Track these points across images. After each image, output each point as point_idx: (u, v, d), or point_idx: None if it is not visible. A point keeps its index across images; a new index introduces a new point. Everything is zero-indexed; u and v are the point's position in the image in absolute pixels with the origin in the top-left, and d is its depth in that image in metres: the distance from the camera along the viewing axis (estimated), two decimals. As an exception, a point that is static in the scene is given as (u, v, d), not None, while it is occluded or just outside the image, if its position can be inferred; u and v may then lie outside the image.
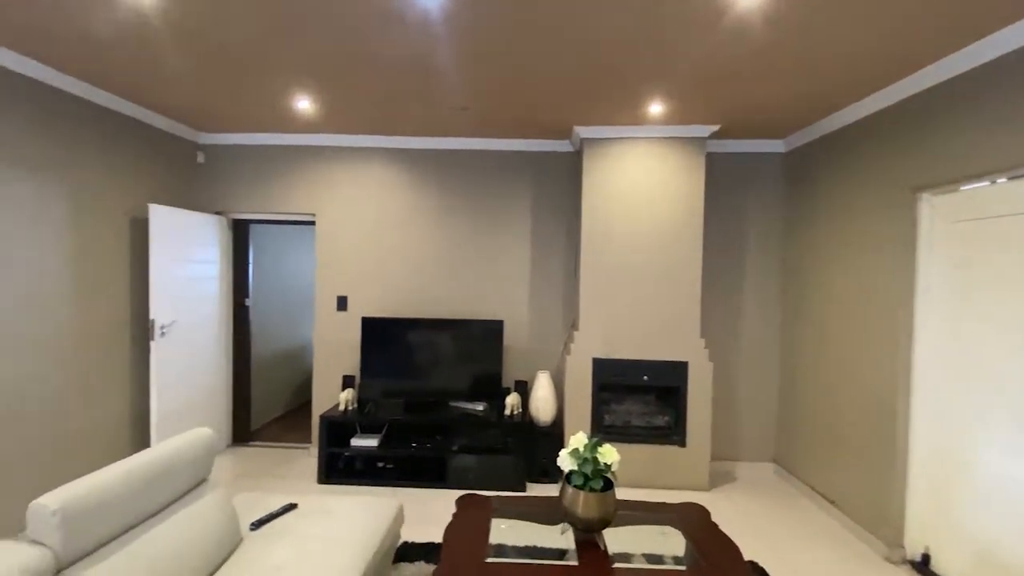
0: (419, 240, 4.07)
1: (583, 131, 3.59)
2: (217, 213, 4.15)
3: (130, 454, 3.43)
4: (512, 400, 3.70)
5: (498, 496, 2.42)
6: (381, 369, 3.83)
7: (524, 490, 3.52)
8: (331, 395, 4.09)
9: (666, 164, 3.58)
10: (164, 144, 3.72)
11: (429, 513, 3.17)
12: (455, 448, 3.59)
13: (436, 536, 2.80)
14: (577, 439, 2.06)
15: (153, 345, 3.45)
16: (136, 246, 3.46)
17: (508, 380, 4.04)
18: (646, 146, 3.59)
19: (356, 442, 3.62)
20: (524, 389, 3.86)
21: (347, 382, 3.94)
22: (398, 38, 2.34)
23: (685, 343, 3.57)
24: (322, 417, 3.61)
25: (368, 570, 1.92)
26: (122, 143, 3.34)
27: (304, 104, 3.28)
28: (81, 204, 3.04)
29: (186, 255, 3.73)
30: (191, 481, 1.94)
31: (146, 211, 3.53)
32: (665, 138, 3.57)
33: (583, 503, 1.93)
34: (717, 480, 3.75)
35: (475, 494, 2.43)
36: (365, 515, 2.21)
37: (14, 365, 2.65)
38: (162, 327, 3.50)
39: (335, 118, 3.56)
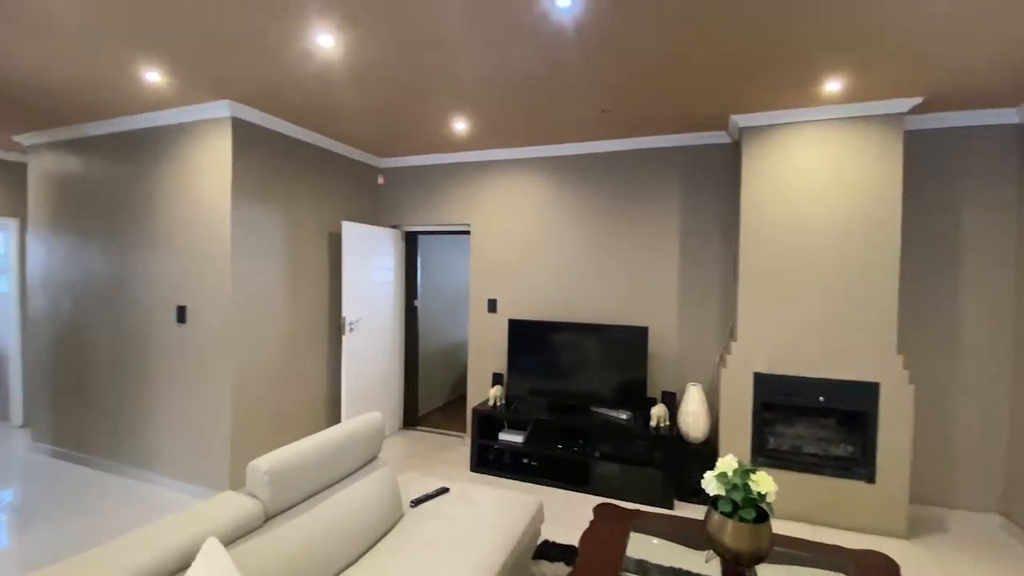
0: (564, 245, 4.13)
1: (742, 119, 3.26)
2: (393, 226, 4.77)
3: (325, 423, 4.15)
4: (658, 412, 3.52)
5: (637, 509, 2.34)
6: (526, 369, 3.99)
7: (671, 507, 3.32)
8: (482, 390, 4.39)
9: (848, 149, 3.05)
10: (352, 170, 4.42)
11: (571, 515, 3.20)
12: (598, 454, 3.56)
13: (576, 539, 2.82)
14: (726, 462, 1.88)
15: (344, 339, 4.11)
16: (332, 256, 4.17)
17: (654, 389, 3.86)
18: (821, 130, 3.11)
19: (504, 437, 3.83)
20: (672, 401, 3.65)
21: (496, 379, 4.19)
22: (537, 50, 2.42)
23: (876, 360, 3.00)
24: (474, 410, 3.90)
25: (509, 559, 2.02)
26: (321, 171, 4.05)
27: (460, 125, 3.59)
28: (293, 224, 3.77)
29: (369, 263, 4.37)
30: (364, 458, 2.27)
31: (339, 227, 4.23)
32: (847, 119, 3.05)
33: (731, 532, 1.76)
34: (919, 528, 3.07)
35: (613, 504, 2.38)
36: (508, 507, 2.32)
37: (250, 356, 3.42)
38: (351, 324, 4.15)
39: (485, 134, 3.82)
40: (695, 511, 3.27)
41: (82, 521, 3.04)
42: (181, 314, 3.40)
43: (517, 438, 3.79)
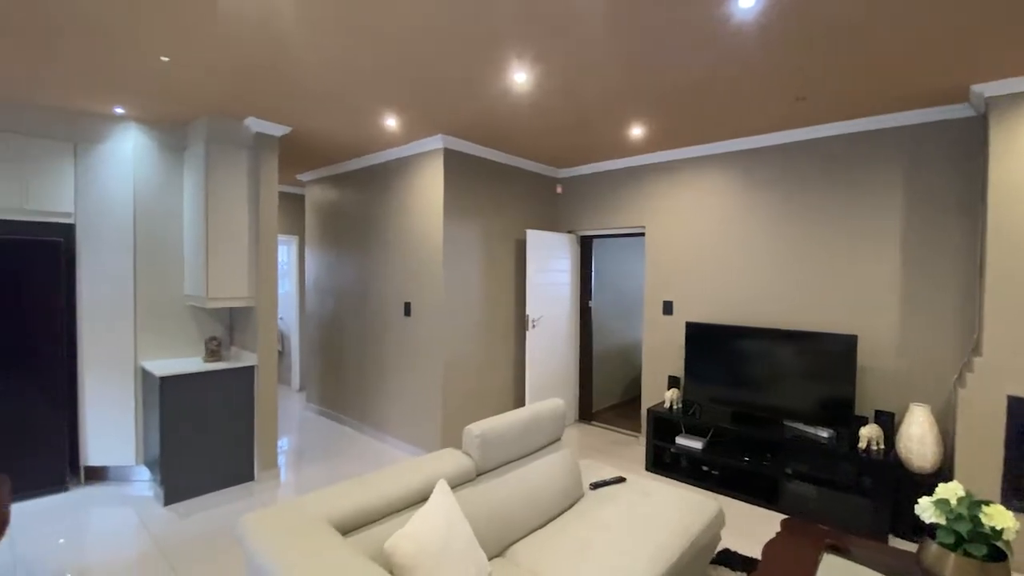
0: (749, 244, 3.90)
1: (988, 88, 2.69)
2: (569, 232, 5.09)
3: (511, 408, 4.65)
4: (870, 432, 3.11)
5: (833, 530, 2.16)
6: (706, 374, 3.88)
7: (883, 542, 2.90)
8: (657, 391, 4.40)
9: None
10: (534, 182, 4.86)
11: (754, 529, 3.04)
12: (790, 471, 3.29)
13: (759, 553, 2.69)
14: (949, 488, 1.66)
15: (528, 334, 4.56)
16: (517, 261, 4.66)
17: (864, 407, 3.39)
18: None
19: (681, 441, 3.80)
20: (888, 422, 3.17)
21: (672, 382, 4.16)
22: (719, 50, 2.42)
23: None
24: (649, 411, 3.95)
25: (686, 554, 2.09)
26: (509, 186, 4.56)
27: (637, 131, 3.70)
28: (487, 234, 4.34)
29: (548, 266, 4.75)
30: (549, 438, 2.56)
31: (523, 234, 4.71)
32: None
33: (954, 568, 1.56)
34: None
35: (804, 521, 2.23)
36: (686, 505, 2.37)
37: (455, 344, 4.06)
38: (533, 321, 4.58)
39: (662, 136, 3.85)
40: (912, 549, 2.80)
41: (337, 463, 4.01)
42: (407, 309, 4.23)
43: (696, 444, 3.72)
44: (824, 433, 3.35)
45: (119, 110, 3.37)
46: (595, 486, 2.58)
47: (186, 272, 3.78)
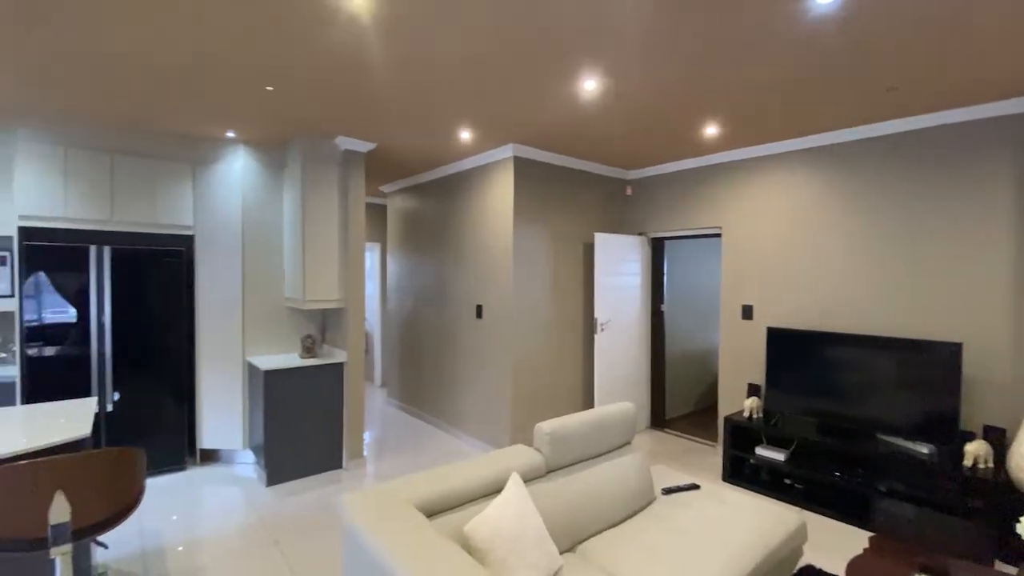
0: (837, 245, 3.67)
1: None
2: (639, 234, 5.04)
3: (580, 410, 4.68)
4: (976, 449, 2.82)
5: (926, 550, 2.01)
6: (789, 383, 3.69)
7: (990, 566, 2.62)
8: (735, 400, 4.24)
9: None
10: (603, 185, 4.87)
11: (841, 547, 2.87)
12: (883, 489, 3.07)
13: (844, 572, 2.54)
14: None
15: (596, 337, 4.57)
16: (585, 264, 4.69)
17: (970, 422, 3.08)
18: None
19: (761, 451, 3.64)
20: (999, 437, 2.87)
21: (752, 390, 4.00)
22: (800, 45, 2.34)
23: None
24: (726, 419, 3.82)
25: (763, 565, 2.04)
26: (576, 190, 4.61)
27: (711, 131, 3.62)
28: (555, 238, 4.42)
29: (617, 269, 4.74)
30: (618, 441, 2.59)
31: (591, 237, 4.73)
32: None
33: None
34: None
35: (895, 539, 2.10)
36: (764, 516, 2.31)
37: (524, 345, 4.17)
38: (602, 324, 4.59)
39: (738, 134, 3.73)
40: (1039, 586, 2.51)
41: (415, 456, 4.25)
42: (479, 311, 4.41)
43: (778, 455, 3.56)
44: (924, 449, 3.09)
45: (230, 134, 3.82)
46: (667, 491, 2.57)
47: (286, 277, 4.20)
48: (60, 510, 1.74)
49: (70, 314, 3.48)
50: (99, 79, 2.74)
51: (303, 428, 3.79)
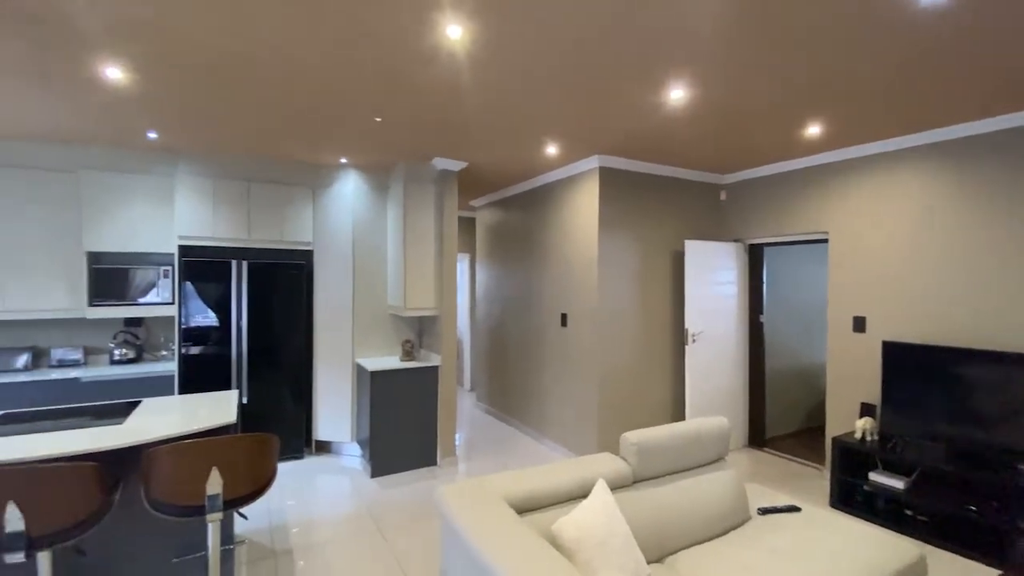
0: (968, 249, 3.25)
1: None
2: (735, 241, 4.82)
3: (668, 421, 4.56)
4: None
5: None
6: (909, 403, 3.32)
7: None
8: (845, 420, 3.88)
9: None
10: (693, 191, 4.73)
11: (980, 594, 2.53)
12: (1022, 525, 2.66)
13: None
14: None
15: (687, 349, 4.43)
16: (674, 273, 4.58)
17: None
18: None
19: (876, 478, 3.31)
20: None
21: (865, 410, 3.65)
22: (914, 27, 2.16)
23: None
24: (835, 440, 3.53)
25: (871, 599, 1.89)
26: (665, 197, 4.52)
27: (814, 130, 3.40)
28: (642, 246, 4.37)
29: (710, 278, 4.57)
30: (711, 456, 2.52)
31: (682, 245, 4.61)
32: None
33: None
34: None
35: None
36: (874, 545, 2.12)
37: (610, 355, 4.17)
38: (693, 335, 4.45)
39: (844, 132, 3.46)
40: None
41: (502, 458, 4.40)
42: (564, 320, 4.48)
43: (896, 483, 3.21)
44: (1091, 488, 2.63)
45: (344, 160, 4.28)
46: (764, 511, 2.45)
47: (388, 287, 4.59)
48: (215, 483, 2.09)
49: (215, 319, 4.09)
50: (240, 119, 3.24)
51: (403, 425, 4.10)
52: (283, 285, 4.32)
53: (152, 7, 1.93)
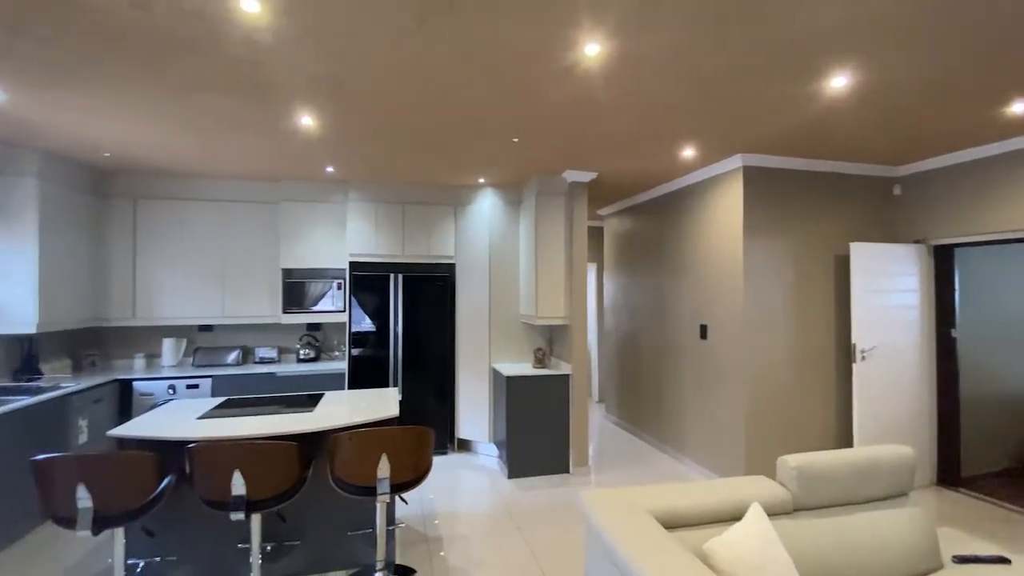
0: None
1: None
2: (915, 242, 4.13)
3: (831, 448, 4.04)
4: None
5: None
6: None
7: None
8: (1085, 464, 3.08)
9: None
10: (860, 186, 4.16)
11: None
12: None
13: None
14: None
15: (855, 367, 3.90)
16: (837, 280, 4.07)
17: None
18: None
19: None
20: None
21: (1116, 452, 2.85)
22: None
23: None
24: (1067, 487, 2.82)
25: None
26: (824, 195, 4.05)
27: (1019, 107, 2.80)
28: (796, 251, 3.97)
29: (884, 285, 3.97)
30: (889, 490, 2.19)
31: (846, 249, 4.08)
32: None
33: None
34: None
35: None
36: None
37: (759, 372, 3.84)
38: (862, 351, 3.90)
39: (1079, 104, 2.79)
40: None
41: (635, 472, 4.28)
42: (703, 332, 4.24)
43: None
44: None
45: (481, 180, 4.60)
46: (961, 559, 2.06)
47: (521, 296, 4.80)
48: (384, 468, 2.39)
49: (376, 325, 4.66)
50: (397, 151, 3.67)
51: (537, 431, 4.23)
52: (430, 295, 4.77)
53: (337, 66, 2.32)
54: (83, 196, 4.12)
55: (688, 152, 3.72)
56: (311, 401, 3.20)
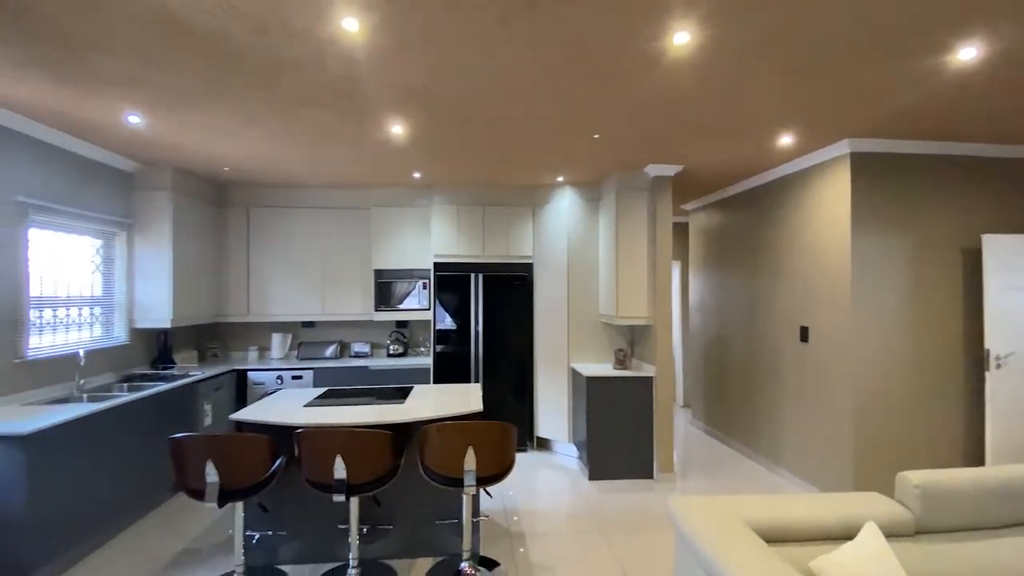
0: None
1: None
2: (1069, 231, 3.53)
3: (958, 466, 3.56)
4: None
5: None
6: None
7: None
8: None
9: None
10: (994, 170, 3.62)
11: None
12: None
13: None
14: None
15: (988, 375, 3.41)
16: (966, 277, 3.58)
17: None
18: None
19: None
20: None
21: None
22: None
23: None
24: None
25: None
26: (950, 182, 3.57)
27: None
28: (915, 245, 3.54)
29: (1025, 282, 3.43)
30: (1038, 517, 1.90)
31: (977, 241, 3.58)
32: None
33: None
34: None
35: None
36: None
37: (870, 380, 3.48)
38: (997, 358, 3.40)
39: None
40: None
41: (726, 482, 4.05)
42: (804, 334, 3.92)
43: None
44: None
45: (560, 178, 4.59)
46: None
47: (600, 295, 4.72)
48: (470, 461, 2.47)
49: (457, 323, 4.82)
50: (479, 155, 3.77)
51: (618, 433, 4.15)
52: (509, 294, 4.84)
53: (424, 75, 2.43)
54: (206, 206, 4.65)
55: (786, 139, 3.45)
56: (401, 394, 3.38)
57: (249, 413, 2.87)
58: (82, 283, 3.63)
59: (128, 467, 3.22)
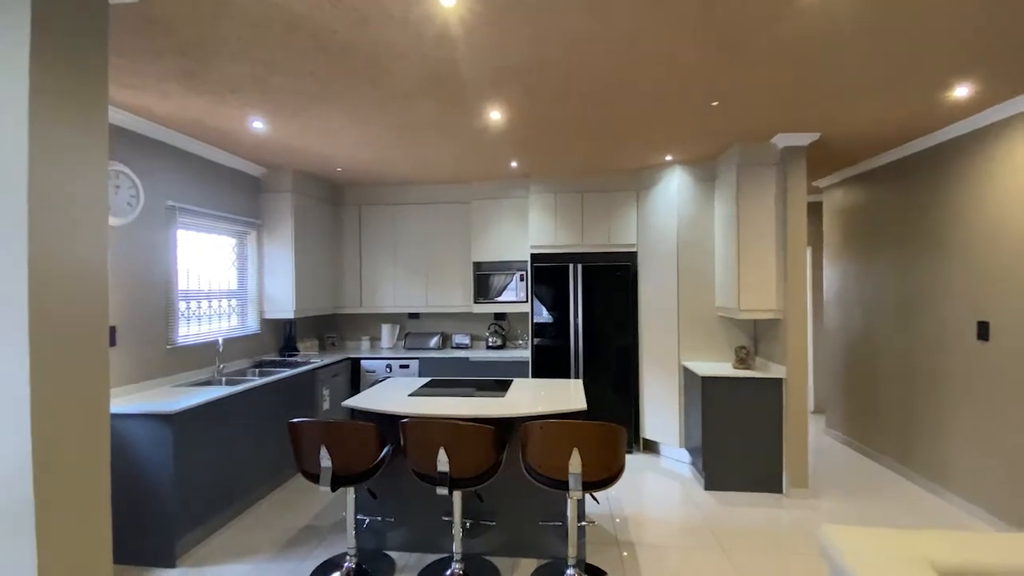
0: None
1: None
2: None
3: None
4: None
5: None
6: None
7: None
8: None
9: None
10: None
11: None
12: None
13: None
14: None
15: None
16: None
17: None
18: None
19: None
20: None
21: None
22: None
23: None
24: None
25: None
26: None
27: None
28: None
29: None
30: None
31: None
32: None
33: None
34: None
35: None
36: None
37: None
38: None
39: None
40: None
41: (876, 505, 3.42)
42: (982, 331, 3.18)
43: None
44: None
45: (669, 157, 4.21)
46: None
47: (717, 286, 4.26)
48: (575, 463, 2.29)
49: (555, 315, 4.65)
50: (579, 139, 3.55)
51: (740, 440, 3.71)
52: (610, 286, 4.57)
53: (523, 51, 2.28)
54: (323, 205, 4.98)
55: (960, 91, 2.79)
56: (501, 387, 3.30)
57: (359, 400, 2.96)
58: (221, 278, 4.04)
59: (258, 446, 3.51)
